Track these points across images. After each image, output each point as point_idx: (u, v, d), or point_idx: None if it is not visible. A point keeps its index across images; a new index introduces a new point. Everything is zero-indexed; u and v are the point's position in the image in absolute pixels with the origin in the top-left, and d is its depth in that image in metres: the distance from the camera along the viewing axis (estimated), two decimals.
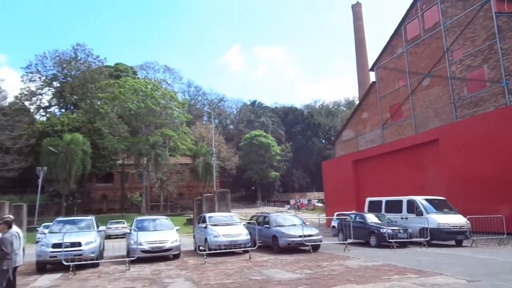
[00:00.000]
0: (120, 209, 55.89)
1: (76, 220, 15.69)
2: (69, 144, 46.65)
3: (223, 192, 25.03)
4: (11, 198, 38.64)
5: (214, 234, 14.99)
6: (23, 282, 11.05)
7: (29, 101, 62.19)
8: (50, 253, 12.56)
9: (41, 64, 61.43)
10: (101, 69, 64.05)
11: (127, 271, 11.95)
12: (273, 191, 79.75)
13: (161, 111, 55.41)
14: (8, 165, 43.28)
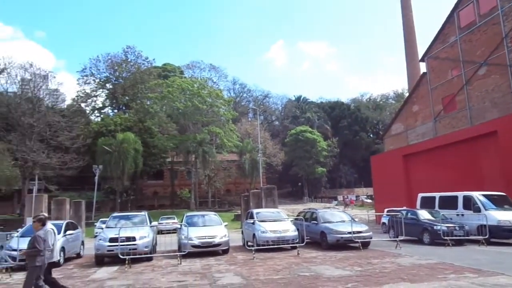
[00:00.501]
0: (170, 205, 57.74)
1: (130, 215, 16.41)
2: (121, 143, 48.84)
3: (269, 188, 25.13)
4: (71, 195, 41.21)
5: (262, 230, 15.09)
6: (84, 274, 11.74)
7: (85, 103, 65.90)
8: (108, 247, 13.24)
9: (95, 68, 64.87)
10: (150, 70, 66.45)
11: (179, 265, 12.33)
12: (319, 187, 78.89)
13: (207, 109, 56.53)
14: (67, 163, 46.03)
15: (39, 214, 8.21)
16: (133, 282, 9.84)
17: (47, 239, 7.63)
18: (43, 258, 7.40)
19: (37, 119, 45.58)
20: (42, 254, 7.38)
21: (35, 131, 45.55)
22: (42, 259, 7.37)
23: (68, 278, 11.07)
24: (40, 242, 7.36)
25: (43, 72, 48.42)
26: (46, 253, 7.47)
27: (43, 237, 7.44)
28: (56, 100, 53.29)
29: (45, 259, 7.45)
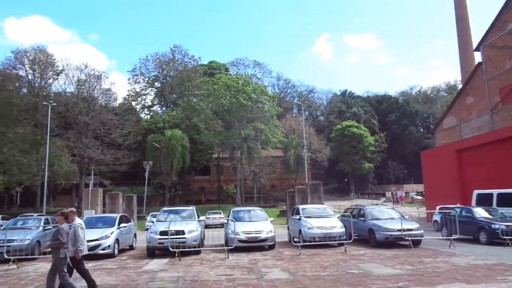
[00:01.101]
0: (217, 200, 58.83)
1: (179, 210, 16.90)
2: (170, 140, 50.37)
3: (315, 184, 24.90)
4: (123, 189, 43.16)
5: (308, 226, 15.01)
6: (137, 265, 12.26)
7: (135, 101, 68.64)
8: (158, 240, 13.75)
9: (144, 67, 67.35)
10: (196, 68, 67.91)
11: (226, 259, 12.56)
12: (367, 183, 77.03)
13: (252, 106, 56.90)
14: (120, 159, 48.29)
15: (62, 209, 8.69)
16: (183, 275, 10.15)
17: (77, 233, 8.12)
18: (66, 250, 7.72)
19: (92, 117, 48.09)
20: (65, 247, 7.70)
21: (90, 128, 48.12)
22: (65, 251, 7.68)
23: (123, 268, 11.62)
24: (64, 235, 7.67)
25: (97, 72, 50.96)
26: (69, 246, 7.82)
27: (66, 230, 7.77)
28: (109, 99, 55.89)
29: (68, 251, 7.77)
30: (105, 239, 13.93)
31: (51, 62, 47.88)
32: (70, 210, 8.65)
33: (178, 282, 9.25)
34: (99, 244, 13.69)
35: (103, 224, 15.19)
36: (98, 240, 13.77)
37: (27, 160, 43.48)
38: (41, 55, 47.39)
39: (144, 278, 9.85)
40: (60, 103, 45.65)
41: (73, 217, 8.45)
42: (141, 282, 9.41)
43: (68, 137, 48.08)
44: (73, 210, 8.68)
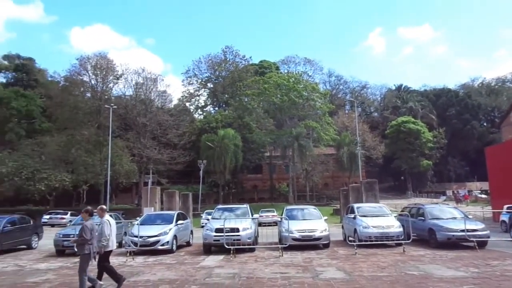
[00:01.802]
0: (269, 199, 59.11)
1: (233, 208, 17.21)
2: (223, 139, 51.39)
3: (370, 182, 24.25)
4: (179, 188, 44.74)
5: (363, 225, 14.66)
6: (194, 261, 12.66)
7: (189, 102, 70.71)
8: (214, 237, 14.09)
9: (197, 69, 69.20)
10: (247, 68, 68.62)
11: (281, 257, 12.60)
12: (425, 181, 73.59)
13: (303, 103, 56.50)
14: (176, 159, 50.12)
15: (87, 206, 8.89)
16: (238, 271, 10.34)
17: (103, 229, 8.38)
18: (91, 247, 7.92)
19: (149, 118, 50.29)
20: (90, 243, 7.90)
21: (148, 129, 50.35)
22: (89, 247, 7.89)
23: (181, 264, 12.06)
24: (87, 232, 7.87)
25: (153, 75, 53.12)
26: (94, 242, 8.02)
27: (90, 227, 7.95)
28: (165, 100, 58.03)
29: (93, 247, 7.97)
30: (164, 235, 14.49)
31: (111, 67, 50.68)
32: (100, 207, 8.99)
33: (234, 278, 9.44)
34: (158, 240, 14.29)
35: (161, 221, 15.81)
36: (157, 236, 14.38)
37: (91, 160, 46.47)
38: (103, 61, 50.28)
39: (202, 274, 10.16)
40: (120, 106, 48.21)
41: (103, 214, 8.77)
42: (199, 277, 9.71)
43: (128, 138, 50.69)
44: (103, 207, 8.98)
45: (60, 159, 46.64)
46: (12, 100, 51.48)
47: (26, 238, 17.01)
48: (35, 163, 44.40)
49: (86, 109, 48.61)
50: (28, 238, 17.13)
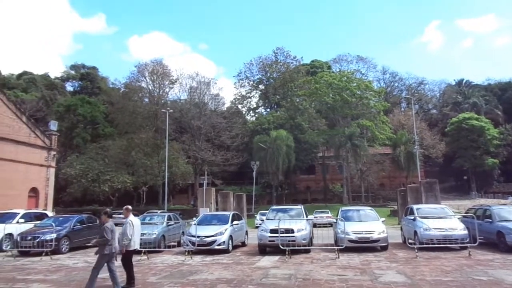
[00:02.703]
0: (323, 199, 58.36)
1: (287, 208, 17.17)
2: (275, 140, 51.53)
3: (430, 182, 23.20)
4: (233, 188, 45.51)
5: (424, 227, 14.01)
6: (250, 261, 12.78)
7: (241, 104, 71.71)
8: (269, 238, 14.13)
9: (248, 71, 69.98)
10: (299, 68, 68.32)
11: (337, 259, 12.38)
12: (491, 181, 68.77)
13: (357, 102, 55.23)
14: (229, 160, 51.11)
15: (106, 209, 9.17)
16: (294, 272, 10.30)
17: (126, 229, 8.65)
18: (111, 247, 8.17)
19: (203, 121, 51.68)
20: (110, 244, 8.14)
21: (202, 132, 51.77)
22: (110, 248, 8.15)
23: (237, 264, 12.23)
24: (108, 233, 8.11)
25: (207, 79, 54.62)
26: (114, 243, 8.28)
27: (110, 228, 8.19)
28: (218, 103, 59.42)
29: (113, 248, 8.24)
30: (220, 236, 14.79)
31: (167, 73, 52.78)
32: (126, 207, 9.32)
33: (290, 279, 9.42)
34: (215, 240, 14.61)
35: (217, 221, 16.14)
36: (214, 236, 14.70)
37: (150, 162, 48.66)
38: (159, 67, 52.48)
39: (258, 274, 10.23)
40: (176, 110, 49.99)
41: (127, 214, 9.09)
42: (256, 277, 9.79)
43: (183, 141, 52.45)
44: (128, 207, 9.31)
45: (122, 162, 49.28)
46: (79, 107, 55.18)
47: (93, 236, 18.09)
48: (100, 166, 47.28)
49: (144, 114, 50.99)
50: (95, 236, 18.19)
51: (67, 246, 15.92)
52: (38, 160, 28.92)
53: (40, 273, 10.93)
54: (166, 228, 16.74)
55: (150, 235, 15.28)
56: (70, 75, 79.90)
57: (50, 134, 30.66)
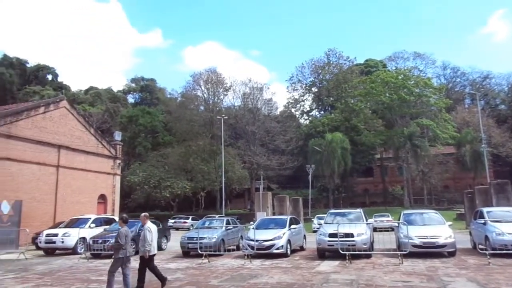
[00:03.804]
0: (382, 203, 56.45)
1: (346, 212, 16.86)
2: (330, 143, 50.76)
3: (501, 183, 21.72)
4: (289, 192, 45.38)
5: (497, 231, 13.05)
6: (309, 265, 12.69)
7: (294, 108, 71.43)
8: (328, 242, 13.94)
9: (301, 74, 69.60)
10: (352, 68, 66.92)
11: (400, 265, 11.93)
12: None
13: (415, 100, 52.97)
14: (284, 164, 51.17)
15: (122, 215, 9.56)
16: (356, 278, 10.07)
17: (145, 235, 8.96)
18: (125, 251, 8.53)
19: (257, 126, 52.26)
20: (124, 248, 8.50)
21: (256, 137, 52.36)
22: (123, 252, 8.51)
23: (297, 268, 12.20)
24: (122, 237, 8.48)
25: (259, 85, 55.19)
26: (128, 247, 8.63)
27: (124, 233, 8.56)
28: (271, 108, 59.72)
29: (127, 252, 8.58)
30: (278, 240, 14.83)
31: (221, 81, 54.11)
32: (144, 214, 9.64)
33: (352, 285, 9.23)
34: (273, 244, 14.68)
35: (274, 226, 16.22)
36: (272, 240, 14.77)
37: (207, 168, 50.06)
38: (213, 75, 53.96)
39: (318, 279, 10.13)
40: (230, 116, 51.05)
41: (145, 221, 9.39)
42: (316, 282, 9.70)
43: (239, 146, 53.37)
44: (146, 214, 9.63)
45: (181, 168, 51.12)
46: (140, 117, 58.13)
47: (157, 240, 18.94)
48: (160, 173, 49.39)
49: (200, 121, 52.64)
50: (159, 240, 18.86)
51: (134, 249, 16.72)
52: (105, 168, 30.84)
53: None
54: (225, 232, 17.10)
55: (210, 239, 15.68)
56: (131, 87, 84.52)
57: (115, 144, 32.60)
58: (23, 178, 23.28)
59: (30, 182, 23.71)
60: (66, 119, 27.25)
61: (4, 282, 10.78)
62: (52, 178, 25.51)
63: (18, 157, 23.00)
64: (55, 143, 25.81)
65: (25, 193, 22.69)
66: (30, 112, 24.57)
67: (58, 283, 9.36)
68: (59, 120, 26.59)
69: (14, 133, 23.00)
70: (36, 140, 24.33)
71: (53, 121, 26.08)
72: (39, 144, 24.54)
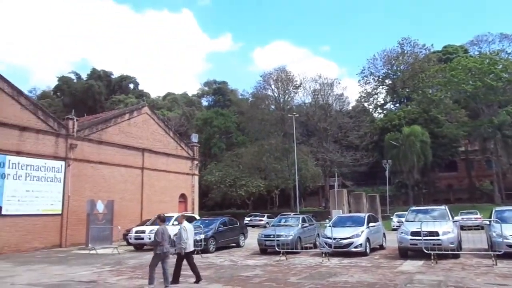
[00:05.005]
0: (468, 199, 52.53)
1: (429, 209, 15.97)
2: (408, 137, 48.32)
3: None
4: (365, 189, 43.99)
5: None
6: (390, 265, 12.26)
7: (367, 102, 69.17)
8: (410, 241, 13.33)
9: (373, 67, 67.15)
10: (429, 57, 63.12)
11: (494, 266, 11.05)
12: None
13: (504, 87, 48.33)
14: (359, 160, 49.72)
15: (160, 214, 10.26)
16: (443, 279, 9.53)
17: (181, 234, 9.64)
18: (162, 248, 9.09)
19: (329, 123, 51.41)
20: (161, 245, 9.08)
21: (329, 133, 51.52)
22: (161, 249, 9.08)
23: (377, 267, 11.85)
24: (159, 235, 9.14)
25: (330, 80, 54.16)
26: (165, 244, 9.16)
27: (160, 231, 9.19)
28: (343, 103, 58.19)
29: (164, 248, 9.12)
30: (356, 238, 14.52)
31: (291, 79, 54.10)
32: (181, 214, 10.49)
33: (439, 286, 8.76)
34: (351, 242, 14.40)
35: (352, 223, 15.92)
36: (350, 238, 14.51)
37: (280, 166, 50.40)
38: (282, 74, 54.13)
39: (401, 279, 9.75)
40: (302, 114, 50.80)
41: (181, 220, 10.25)
42: (399, 282, 9.35)
43: (311, 143, 52.96)
44: (184, 214, 10.44)
45: (254, 167, 52.04)
46: (214, 119, 60.24)
47: (235, 237, 19.59)
48: (235, 172, 50.76)
49: (271, 120, 53.14)
50: (237, 237, 19.67)
51: (214, 245, 17.49)
52: (184, 169, 32.51)
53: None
54: (301, 230, 17.14)
55: (287, 237, 15.81)
56: (204, 91, 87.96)
57: (193, 146, 34.21)
58: (113, 179, 25.42)
59: (119, 184, 25.82)
60: (148, 124, 29.20)
61: (103, 274, 11.89)
62: (138, 179, 27.52)
63: (109, 161, 25.17)
64: (139, 147, 27.79)
65: (116, 193, 24.78)
66: (117, 119, 26.75)
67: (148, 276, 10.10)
68: (142, 125, 28.59)
69: (105, 139, 25.21)
70: (123, 145, 26.42)
71: (137, 126, 28.10)
72: (125, 148, 26.62)
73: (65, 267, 13.71)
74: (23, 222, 19.85)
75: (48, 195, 21.38)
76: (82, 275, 11.75)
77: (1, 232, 18.79)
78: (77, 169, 23.09)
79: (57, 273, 12.15)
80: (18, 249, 19.19)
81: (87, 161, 23.80)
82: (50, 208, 21.39)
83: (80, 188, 23.02)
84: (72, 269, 13.17)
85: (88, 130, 24.22)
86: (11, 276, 11.92)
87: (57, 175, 21.91)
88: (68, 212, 22.02)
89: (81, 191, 22.98)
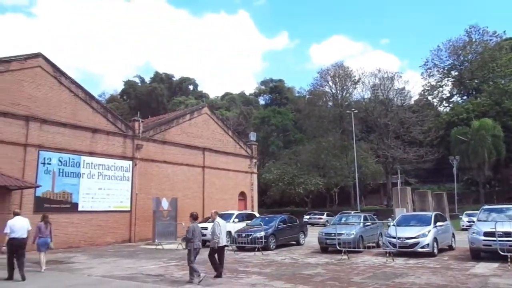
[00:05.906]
0: None
1: (504, 208, 14.85)
2: (477, 131, 45.26)
3: None
4: (430, 187, 41.95)
5: None
6: (461, 267, 11.61)
7: (431, 95, 65.57)
8: (483, 241, 12.50)
9: (437, 58, 63.51)
10: (501, 44, 58.53)
11: None
12: None
13: None
14: (423, 157, 47.30)
15: (192, 212, 10.49)
16: None
17: (214, 229, 10.20)
18: (193, 244, 9.56)
19: (390, 118, 49.52)
20: (192, 241, 9.58)
21: (390, 129, 49.63)
22: (191, 245, 9.58)
23: (447, 269, 11.26)
24: (190, 232, 9.65)
25: (390, 74, 52.18)
26: (196, 240, 9.61)
27: (191, 228, 9.70)
28: (404, 98, 55.72)
29: (194, 244, 9.57)
30: (423, 237, 13.89)
31: (349, 74, 52.91)
32: (214, 211, 10.98)
33: None
34: (417, 242, 13.80)
35: (417, 222, 15.26)
36: (416, 238, 13.91)
37: (339, 164, 49.50)
38: (340, 70, 53.08)
39: (474, 282, 9.20)
40: (360, 110, 49.40)
41: (214, 216, 10.68)
42: (472, 285, 8.84)
43: (371, 140, 51.40)
44: (216, 211, 10.99)
45: (313, 165, 51.60)
46: (271, 118, 60.58)
47: (295, 235, 19.57)
48: (293, 170, 50.62)
49: (329, 117, 52.36)
50: (297, 235, 19.64)
51: (274, 243, 17.60)
52: (243, 167, 33.01)
53: (256, 266, 12.42)
54: (363, 228, 16.74)
55: (348, 235, 15.52)
56: (261, 90, 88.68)
57: (251, 144, 34.64)
58: (176, 178, 26.48)
59: (182, 182, 26.84)
60: (207, 124, 30.04)
61: (169, 268, 12.46)
62: (199, 178, 28.42)
63: (172, 160, 26.25)
64: (200, 146, 28.67)
65: (179, 191, 25.79)
66: (178, 120, 27.81)
67: (212, 272, 10.43)
68: (202, 125, 29.47)
69: (168, 139, 26.33)
70: (184, 144, 27.41)
71: (197, 126, 29.01)
72: (187, 147, 27.60)
73: (135, 261, 14.54)
74: (96, 218, 21.33)
75: (118, 193, 22.77)
76: (150, 269, 12.39)
77: (78, 227, 20.34)
78: (143, 168, 24.33)
79: (128, 266, 12.93)
80: (93, 243, 20.66)
81: (152, 160, 24.99)
82: (120, 205, 22.77)
83: (146, 186, 24.25)
84: (140, 263, 13.94)
85: (152, 131, 25.42)
86: (88, 268, 12.88)
87: (125, 174, 23.27)
88: (136, 209, 23.30)
89: (147, 189, 24.20)
